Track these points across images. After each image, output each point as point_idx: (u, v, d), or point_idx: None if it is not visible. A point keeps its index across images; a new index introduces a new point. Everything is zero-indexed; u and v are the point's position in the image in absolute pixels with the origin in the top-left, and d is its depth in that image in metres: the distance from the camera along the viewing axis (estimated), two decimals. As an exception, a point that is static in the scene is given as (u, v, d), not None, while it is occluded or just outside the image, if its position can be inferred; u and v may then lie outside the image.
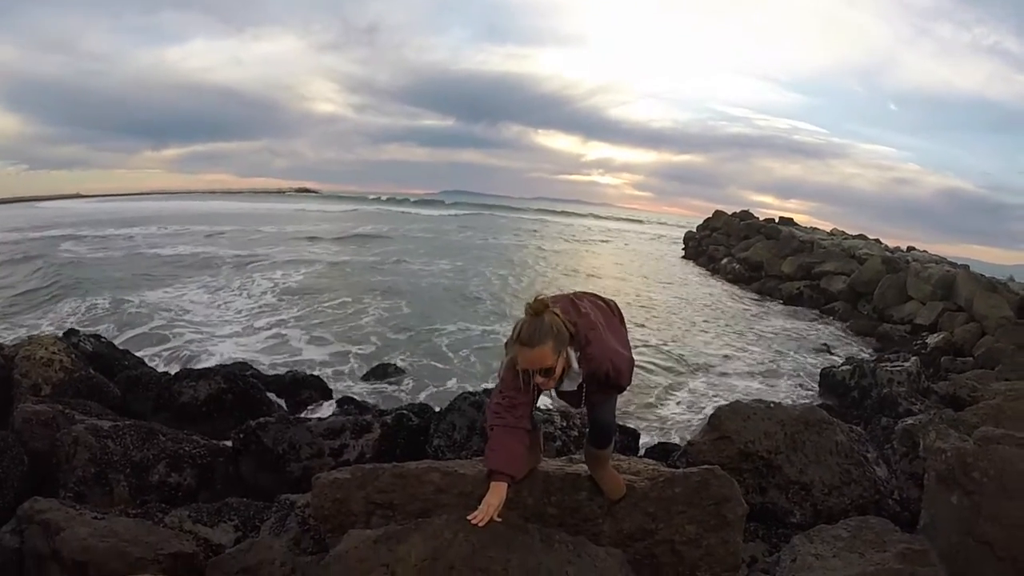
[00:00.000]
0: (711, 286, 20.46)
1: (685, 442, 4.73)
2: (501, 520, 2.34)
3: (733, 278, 21.11)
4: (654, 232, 50.86)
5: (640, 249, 34.76)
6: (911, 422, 4.47)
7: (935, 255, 20.97)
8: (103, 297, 12.65)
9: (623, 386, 2.41)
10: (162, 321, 11.01)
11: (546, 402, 4.86)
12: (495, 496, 2.34)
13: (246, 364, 7.58)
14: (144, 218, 32.98)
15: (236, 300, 13.23)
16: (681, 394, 8.68)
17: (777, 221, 25.42)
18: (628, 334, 2.60)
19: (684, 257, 29.15)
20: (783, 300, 17.85)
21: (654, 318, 14.03)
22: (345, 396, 7.29)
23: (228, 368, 6.40)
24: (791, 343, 12.63)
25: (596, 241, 39.12)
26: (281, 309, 12.44)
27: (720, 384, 9.32)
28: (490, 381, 8.38)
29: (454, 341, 10.87)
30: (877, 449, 4.31)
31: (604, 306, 2.54)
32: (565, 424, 4.60)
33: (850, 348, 12.82)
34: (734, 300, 17.80)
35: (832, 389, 7.97)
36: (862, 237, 24.16)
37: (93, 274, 15.59)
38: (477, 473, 2.65)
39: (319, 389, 7.11)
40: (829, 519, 3.48)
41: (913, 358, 7.84)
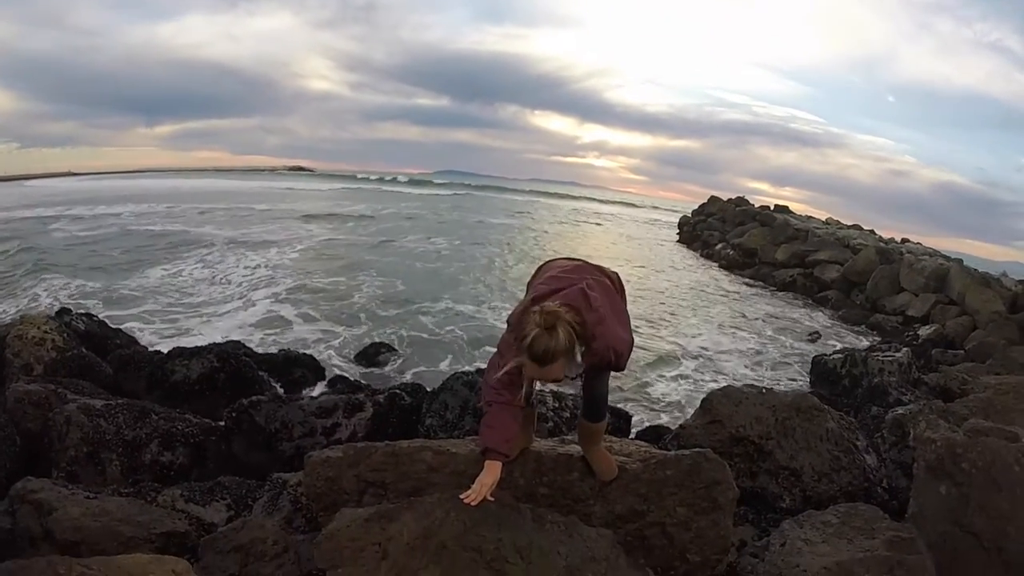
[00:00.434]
0: (705, 271, 20.51)
1: (677, 425, 4.75)
2: (494, 500, 2.34)
3: (727, 264, 21.15)
4: (648, 216, 50.67)
5: (634, 233, 34.65)
6: (901, 412, 4.48)
7: (929, 248, 21.07)
8: (94, 276, 12.58)
9: (621, 368, 2.37)
10: (154, 299, 10.96)
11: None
12: (489, 475, 2.34)
13: (239, 343, 7.56)
14: (136, 196, 32.61)
15: (229, 278, 13.16)
16: (672, 378, 8.73)
17: (772, 208, 25.41)
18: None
19: (679, 242, 29.13)
20: (776, 287, 17.91)
21: (647, 301, 14.04)
22: (337, 375, 7.29)
23: (221, 347, 6.38)
24: (783, 330, 12.69)
25: (590, 223, 38.93)
26: (274, 287, 12.36)
27: (711, 369, 9.38)
28: (480, 361, 8.39)
29: (446, 320, 10.89)
30: (867, 437, 4.33)
31: (609, 284, 2.46)
32: (557, 405, 4.61)
33: (842, 337, 12.89)
34: (727, 285, 17.85)
35: (823, 377, 8.01)
36: (857, 227, 24.24)
37: (83, 253, 15.45)
38: (469, 452, 2.65)
39: (312, 368, 7.10)
40: (818, 505, 3.50)
41: (905, 349, 7.88)
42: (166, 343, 8.07)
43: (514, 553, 2.20)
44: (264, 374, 6.22)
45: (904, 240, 23.05)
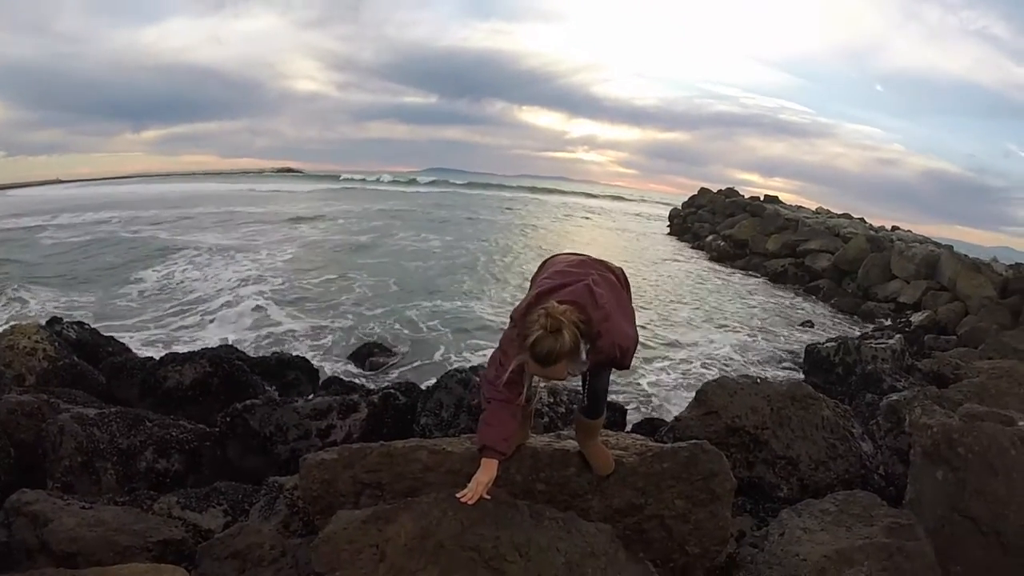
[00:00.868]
0: (696, 262, 20.59)
1: (671, 417, 4.75)
2: (491, 498, 2.33)
3: (718, 255, 21.24)
4: (639, 209, 50.72)
5: (625, 226, 34.70)
6: (896, 398, 4.47)
7: (919, 235, 21.19)
8: (84, 284, 12.52)
9: (626, 366, 2.34)
10: (145, 305, 10.91)
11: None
12: (485, 473, 2.33)
13: (231, 347, 7.51)
14: (124, 202, 32.40)
15: (219, 283, 13.07)
16: (665, 369, 8.75)
17: (762, 199, 25.50)
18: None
19: (669, 234, 29.21)
20: (768, 277, 18.00)
21: (639, 294, 14.06)
22: (331, 376, 7.25)
23: (213, 351, 6.32)
24: (775, 320, 12.76)
25: (580, 218, 38.92)
26: (264, 290, 12.34)
27: (704, 360, 9.41)
28: (475, 358, 8.39)
29: (438, 318, 10.91)
30: (862, 425, 4.34)
31: (614, 280, 2.42)
32: (552, 400, 4.59)
33: (834, 326, 12.95)
34: (719, 277, 17.92)
35: (817, 365, 8.03)
36: (847, 216, 24.35)
37: (71, 261, 15.38)
38: (465, 451, 2.64)
39: (305, 370, 7.05)
40: (816, 494, 3.51)
41: (897, 336, 7.91)
42: (158, 349, 8.02)
43: (512, 551, 2.19)
44: (257, 378, 6.17)
45: (894, 228, 23.17)
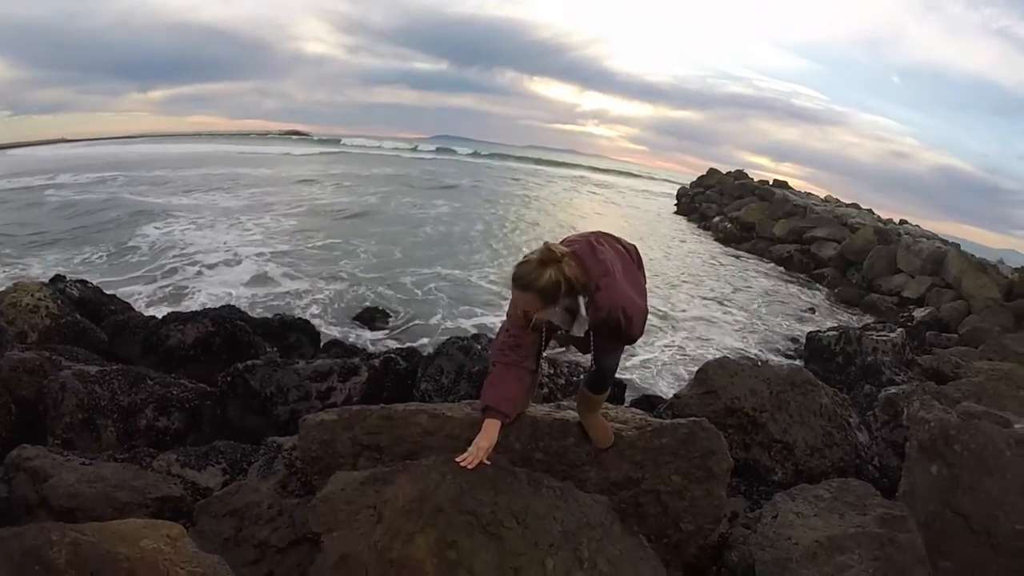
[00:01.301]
0: (702, 243, 20.52)
1: (670, 395, 4.76)
2: (490, 463, 2.33)
3: (724, 237, 21.13)
4: (647, 187, 50.23)
5: (632, 202, 34.48)
6: (894, 391, 4.46)
7: (927, 230, 21.04)
8: (88, 242, 12.50)
9: (634, 336, 2.30)
10: (148, 265, 10.91)
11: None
12: (486, 438, 2.33)
13: (234, 308, 7.52)
14: (129, 163, 32.25)
15: (223, 244, 13.07)
16: (662, 347, 8.77)
17: (771, 183, 25.31)
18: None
19: (676, 213, 28.96)
20: (773, 262, 17.92)
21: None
22: (333, 339, 7.27)
23: (216, 311, 6.33)
24: (778, 305, 12.74)
25: (588, 192, 38.61)
26: (267, 252, 12.37)
27: (704, 341, 9.43)
28: (474, 326, 8.42)
29: (438, 285, 10.95)
30: (859, 415, 4.34)
31: (623, 251, 2.40)
32: (552, 372, 4.60)
33: (836, 315, 12.92)
34: (724, 259, 17.87)
35: (817, 353, 8.02)
36: (855, 206, 24.18)
37: (75, 220, 15.39)
38: (465, 416, 2.65)
39: (307, 332, 7.07)
40: (810, 479, 3.52)
41: (899, 329, 7.90)
42: (161, 308, 8.04)
43: (510, 517, 2.19)
44: (259, 339, 6.19)
45: (903, 221, 23.01)
